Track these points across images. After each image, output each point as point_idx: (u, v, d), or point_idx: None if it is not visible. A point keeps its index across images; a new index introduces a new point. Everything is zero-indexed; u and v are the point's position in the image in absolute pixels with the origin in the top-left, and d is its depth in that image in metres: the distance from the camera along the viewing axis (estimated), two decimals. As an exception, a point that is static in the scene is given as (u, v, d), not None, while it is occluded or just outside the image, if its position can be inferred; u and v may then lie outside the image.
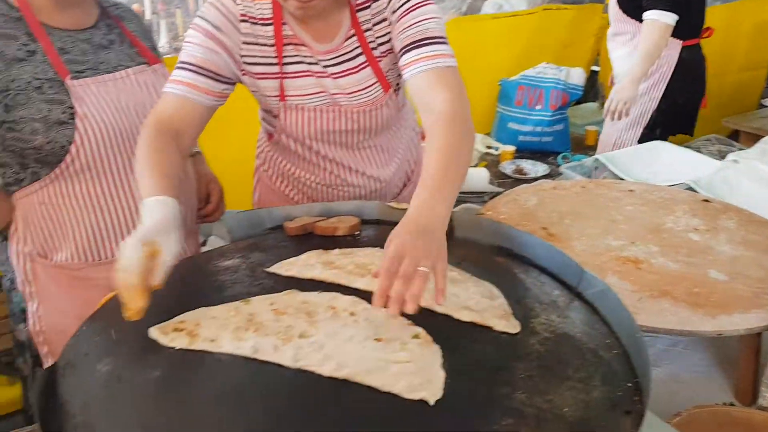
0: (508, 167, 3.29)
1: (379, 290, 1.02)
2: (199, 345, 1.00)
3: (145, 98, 1.58)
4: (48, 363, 1.64)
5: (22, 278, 1.59)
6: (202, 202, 1.77)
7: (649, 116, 2.97)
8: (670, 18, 2.68)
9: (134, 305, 1.01)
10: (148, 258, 1.05)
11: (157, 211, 1.14)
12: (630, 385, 0.96)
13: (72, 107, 1.44)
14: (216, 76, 1.44)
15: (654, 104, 2.95)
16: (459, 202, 2.67)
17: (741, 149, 3.12)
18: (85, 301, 1.55)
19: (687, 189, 2.07)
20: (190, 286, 1.19)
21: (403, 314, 1.07)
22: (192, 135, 1.44)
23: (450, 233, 1.40)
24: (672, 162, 2.40)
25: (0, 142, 1.46)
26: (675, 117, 3.01)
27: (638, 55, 2.78)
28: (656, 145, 2.55)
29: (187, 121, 1.41)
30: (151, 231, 1.09)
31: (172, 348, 1.01)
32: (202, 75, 1.42)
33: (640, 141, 2.93)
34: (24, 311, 1.63)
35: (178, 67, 1.43)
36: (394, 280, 1.01)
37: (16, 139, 1.43)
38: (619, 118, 2.84)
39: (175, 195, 1.20)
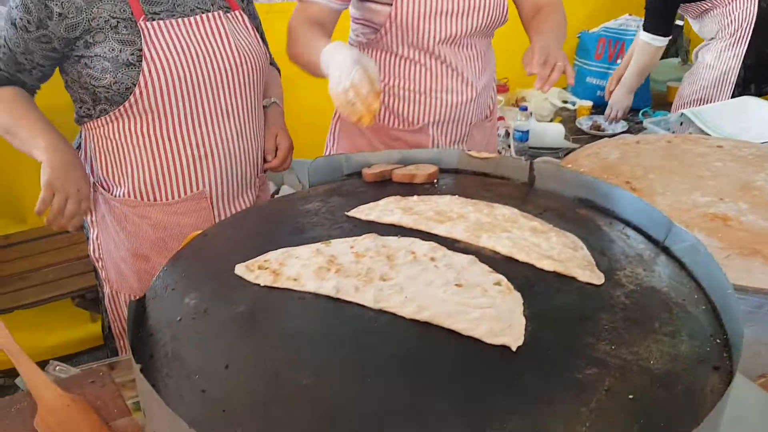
0: (584, 123, 3.19)
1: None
2: (282, 283, 1.02)
3: (216, 45, 1.58)
4: (105, 288, 1.75)
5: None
6: (270, 154, 1.79)
7: (735, 74, 2.82)
8: (660, 42, 2.90)
9: (372, 108, 1.30)
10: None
11: (344, 48, 1.42)
12: (719, 341, 0.94)
13: (141, 49, 1.47)
14: None
15: (738, 62, 2.80)
16: (533, 156, 2.63)
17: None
18: (136, 236, 1.65)
19: (780, 146, 1.96)
20: (273, 227, 1.20)
21: (484, 262, 1.07)
22: (329, 31, 1.68)
23: (531, 183, 1.39)
24: (762, 118, 2.28)
25: (77, 78, 1.52)
26: (766, 70, 2.85)
27: (631, 70, 3.06)
28: (745, 101, 2.42)
29: (322, 18, 1.68)
30: (355, 56, 1.35)
31: (257, 285, 1.03)
32: None
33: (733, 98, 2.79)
34: None
35: None
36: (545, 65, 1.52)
37: (90, 76, 1.48)
38: (617, 121, 3.21)
39: None
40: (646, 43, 2.90)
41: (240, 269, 1.06)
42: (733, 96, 2.79)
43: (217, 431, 0.76)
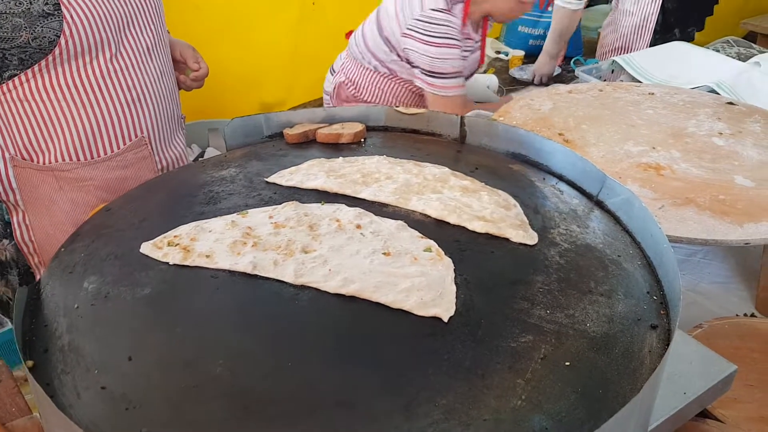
0: (516, 73, 3.15)
1: None
2: (193, 260, 0.94)
3: None
4: (39, 274, 1.59)
5: (3, 186, 1.49)
6: (194, 62, 1.68)
7: (654, 19, 2.81)
8: (575, 5, 2.83)
9: None
10: None
11: None
12: (655, 298, 0.91)
13: None
14: None
15: (656, 6, 2.79)
16: (467, 109, 2.56)
17: (761, 51, 2.97)
18: (78, 204, 1.47)
19: (710, 92, 1.96)
20: (185, 198, 1.11)
21: (414, 227, 1.01)
22: None
23: (462, 139, 1.33)
24: (693, 64, 2.27)
25: None
26: (689, 10, 2.85)
27: (551, 36, 2.99)
28: (676, 46, 2.41)
29: None
30: None
31: (165, 264, 0.94)
32: None
33: (653, 45, 2.78)
34: (7, 224, 1.55)
35: None
36: None
37: None
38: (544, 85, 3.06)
39: None
40: (561, 7, 2.86)
41: (146, 247, 0.97)
42: (653, 42, 2.79)
43: (120, 433, 0.69)
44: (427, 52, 2.05)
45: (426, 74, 2.10)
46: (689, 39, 2.78)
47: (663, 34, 2.80)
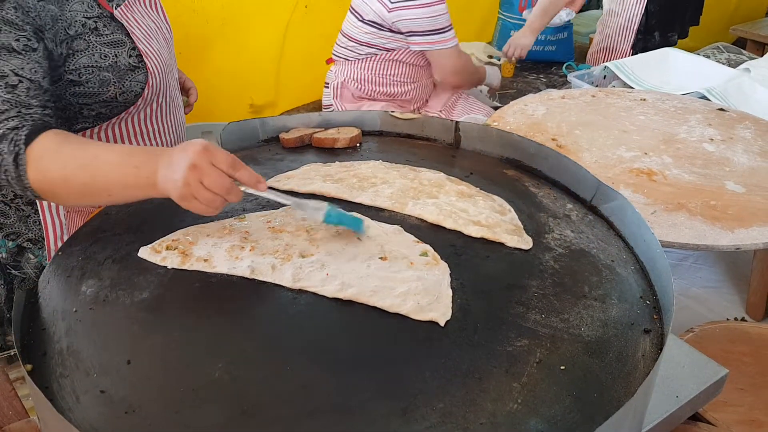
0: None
1: None
2: (192, 264, 0.94)
3: (161, 17, 1.40)
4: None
5: (55, 236, 1.41)
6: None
7: (638, 20, 2.84)
8: None
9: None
10: None
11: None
12: (648, 302, 0.92)
13: (135, 47, 1.25)
14: None
15: (641, 8, 2.81)
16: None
17: (751, 58, 3.01)
18: None
19: (700, 98, 1.98)
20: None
21: (410, 232, 1.02)
22: None
23: (457, 144, 1.34)
24: (684, 70, 2.30)
25: (41, 104, 1.10)
26: (670, 16, 2.88)
27: (536, 10, 2.88)
28: (667, 53, 2.43)
29: None
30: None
31: (164, 268, 0.94)
32: None
33: (635, 46, 2.81)
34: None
35: None
36: None
37: (80, 94, 1.21)
38: (514, 60, 3.01)
39: None
40: None
41: (144, 252, 0.97)
42: (635, 43, 2.81)
43: (119, 437, 0.69)
44: (424, 15, 2.15)
45: (427, 34, 2.19)
46: (670, 45, 2.81)
47: (645, 35, 2.83)
